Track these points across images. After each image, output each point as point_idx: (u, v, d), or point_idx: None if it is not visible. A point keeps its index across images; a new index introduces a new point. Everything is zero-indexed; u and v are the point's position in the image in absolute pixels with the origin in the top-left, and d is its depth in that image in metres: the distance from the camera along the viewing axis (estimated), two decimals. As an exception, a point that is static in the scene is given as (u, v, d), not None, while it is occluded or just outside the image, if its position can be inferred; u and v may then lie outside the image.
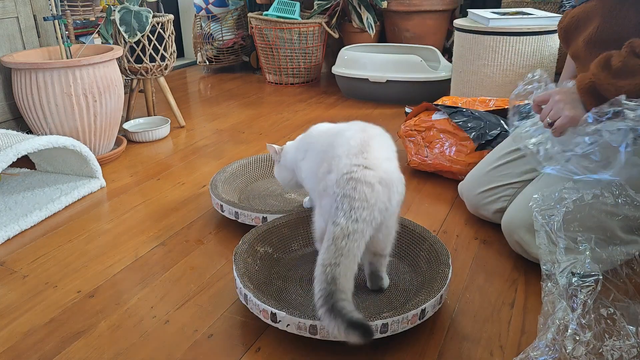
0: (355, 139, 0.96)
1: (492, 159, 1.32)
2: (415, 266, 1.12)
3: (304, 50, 2.85)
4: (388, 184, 0.91)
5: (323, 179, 0.96)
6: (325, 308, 0.79)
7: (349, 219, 0.85)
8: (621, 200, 0.96)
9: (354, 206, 0.86)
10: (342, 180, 0.89)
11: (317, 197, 1.00)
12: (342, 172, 0.90)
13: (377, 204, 0.88)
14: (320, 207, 0.97)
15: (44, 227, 1.39)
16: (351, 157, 0.92)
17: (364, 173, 0.90)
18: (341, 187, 0.89)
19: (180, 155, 1.90)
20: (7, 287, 1.13)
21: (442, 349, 0.93)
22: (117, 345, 0.95)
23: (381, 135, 1.02)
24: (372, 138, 0.98)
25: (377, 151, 0.95)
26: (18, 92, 1.67)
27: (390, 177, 0.92)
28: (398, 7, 2.84)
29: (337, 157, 0.94)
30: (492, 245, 1.26)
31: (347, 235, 0.84)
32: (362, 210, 0.86)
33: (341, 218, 0.85)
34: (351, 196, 0.87)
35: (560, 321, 0.81)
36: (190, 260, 1.23)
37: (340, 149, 0.96)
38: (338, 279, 0.81)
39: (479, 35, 2.00)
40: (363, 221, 0.86)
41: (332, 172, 0.93)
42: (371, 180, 0.89)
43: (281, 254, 1.18)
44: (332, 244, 0.84)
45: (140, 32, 1.99)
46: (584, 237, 0.91)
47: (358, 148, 0.94)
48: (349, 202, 0.87)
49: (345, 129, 1.03)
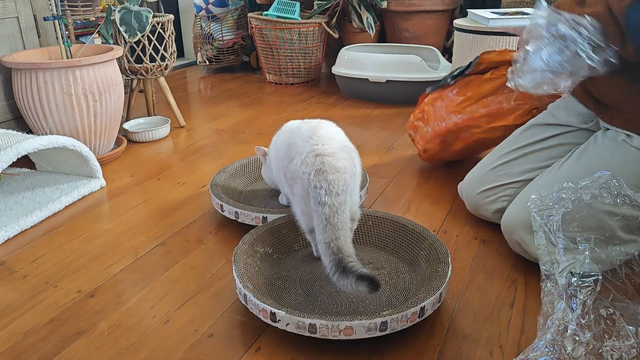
0: (305, 128, 1.05)
1: (492, 159, 1.32)
2: (415, 265, 1.12)
3: (304, 50, 2.85)
4: (348, 150, 1.01)
5: (287, 168, 1.03)
6: (338, 272, 0.88)
7: (331, 194, 0.93)
8: (620, 200, 0.96)
9: (329, 180, 0.93)
10: (309, 159, 0.97)
11: (288, 189, 1.06)
12: (304, 152, 0.98)
13: (347, 170, 0.97)
14: (295, 196, 1.02)
15: (44, 227, 1.39)
16: (305, 139, 1.01)
17: (324, 148, 0.98)
18: (309, 166, 0.96)
19: (181, 155, 1.91)
20: (7, 287, 1.13)
21: (442, 348, 0.93)
22: (117, 345, 0.95)
23: (324, 121, 1.11)
24: (317, 123, 1.07)
25: (325, 130, 1.05)
26: (18, 92, 1.68)
27: (347, 145, 1.03)
28: (398, 7, 2.84)
29: (293, 144, 1.03)
30: (492, 245, 1.26)
31: (336, 211, 0.92)
32: (338, 182, 0.94)
33: (325, 197, 0.92)
34: (322, 170, 0.94)
35: (559, 321, 0.81)
36: (190, 260, 1.23)
37: (293, 137, 1.05)
38: (342, 248, 0.90)
39: (479, 35, 2.01)
40: (343, 192, 0.94)
41: (294, 157, 1.00)
42: (333, 151, 0.98)
43: (281, 254, 1.18)
44: (327, 223, 0.91)
45: (141, 32, 1.99)
46: (583, 237, 0.91)
47: (309, 133, 1.03)
48: (324, 178, 0.94)
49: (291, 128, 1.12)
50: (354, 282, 0.86)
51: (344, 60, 2.57)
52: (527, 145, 1.27)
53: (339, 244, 0.90)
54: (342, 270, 0.87)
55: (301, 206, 1.01)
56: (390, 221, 1.21)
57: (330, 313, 0.99)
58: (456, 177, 1.63)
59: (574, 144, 1.22)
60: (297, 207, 1.05)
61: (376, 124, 2.20)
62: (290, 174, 1.01)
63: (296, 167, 0.98)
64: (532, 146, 1.26)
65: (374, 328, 0.88)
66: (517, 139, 1.30)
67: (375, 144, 1.96)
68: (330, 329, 0.88)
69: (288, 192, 1.10)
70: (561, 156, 1.21)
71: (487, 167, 1.31)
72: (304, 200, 0.99)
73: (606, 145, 1.12)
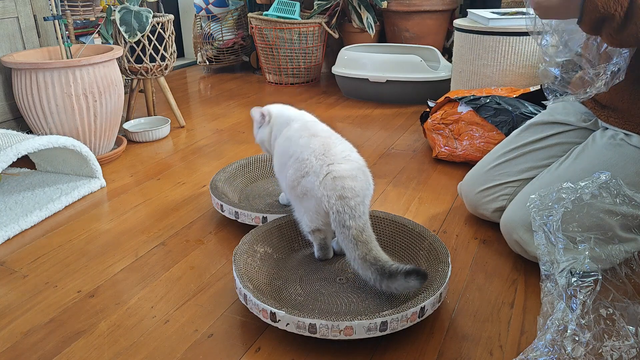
0: (314, 142, 1.05)
1: (492, 158, 1.32)
2: (415, 265, 1.12)
3: (304, 50, 2.85)
4: (364, 170, 1.04)
5: (299, 183, 1.03)
6: (386, 279, 0.92)
7: (355, 218, 0.97)
8: (619, 200, 0.96)
9: (351, 205, 0.98)
10: (327, 182, 0.99)
11: (296, 199, 1.08)
12: (322, 173, 0.99)
13: (364, 191, 1.01)
14: (303, 207, 1.05)
15: (44, 227, 1.39)
16: (320, 157, 1.01)
17: (342, 169, 1.00)
18: (329, 189, 0.98)
19: (180, 155, 1.91)
20: (7, 287, 1.13)
21: (442, 348, 0.93)
22: (117, 345, 0.95)
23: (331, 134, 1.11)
24: (327, 139, 1.07)
25: (339, 146, 1.05)
26: (18, 92, 1.68)
27: (363, 164, 1.05)
28: (398, 7, 2.84)
29: (306, 160, 1.03)
30: (492, 245, 1.26)
31: (362, 231, 0.97)
32: (359, 206, 0.98)
33: (349, 221, 0.97)
34: (344, 196, 0.98)
35: (559, 322, 0.81)
36: (190, 260, 1.23)
37: (305, 152, 1.04)
38: (378, 257, 0.95)
39: (479, 35, 2.00)
40: (364, 213, 0.99)
41: (309, 174, 1.01)
42: (351, 173, 1.00)
43: (281, 254, 1.18)
44: (357, 242, 0.96)
45: (141, 32, 1.99)
46: (582, 237, 0.91)
47: (321, 149, 1.03)
48: (347, 204, 0.97)
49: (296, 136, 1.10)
50: (404, 281, 0.90)
51: (344, 60, 2.57)
52: (526, 145, 1.27)
53: (373, 254, 0.95)
54: (389, 276, 0.92)
55: (309, 214, 1.04)
56: (390, 221, 1.21)
57: (330, 313, 0.99)
58: (456, 177, 1.63)
59: (573, 143, 1.22)
60: (303, 216, 1.06)
61: (376, 124, 2.20)
62: (303, 189, 1.03)
63: (312, 185, 1.00)
64: (531, 145, 1.26)
65: (374, 328, 0.89)
66: (516, 138, 1.30)
67: (375, 144, 1.96)
68: (330, 328, 0.88)
69: (292, 199, 1.11)
70: (560, 155, 1.21)
71: (487, 167, 1.31)
72: (317, 213, 1.02)
73: (605, 145, 1.12)
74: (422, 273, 0.90)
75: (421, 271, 0.90)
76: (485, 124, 1.64)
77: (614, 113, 1.13)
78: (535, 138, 1.26)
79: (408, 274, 0.90)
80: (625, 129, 1.11)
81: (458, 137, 1.69)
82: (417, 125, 2.16)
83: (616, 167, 1.08)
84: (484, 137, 1.64)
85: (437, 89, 2.39)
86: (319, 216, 1.02)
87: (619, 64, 0.92)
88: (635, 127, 1.10)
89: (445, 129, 1.73)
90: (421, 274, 0.90)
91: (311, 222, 1.05)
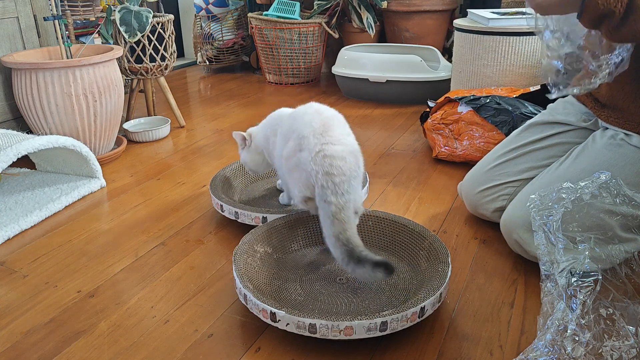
0: (316, 120, 1.10)
1: (492, 158, 1.32)
2: (415, 265, 1.12)
3: (304, 50, 2.85)
4: (355, 154, 1.08)
5: (294, 155, 1.10)
6: (353, 262, 0.94)
7: (337, 194, 1.01)
8: (619, 200, 0.96)
9: (336, 182, 1.02)
10: (318, 158, 1.04)
11: (288, 171, 1.13)
12: (315, 150, 1.05)
13: (352, 173, 1.04)
14: (293, 178, 1.12)
15: (44, 227, 1.39)
16: (317, 136, 1.07)
17: (335, 149, 1.05)
18: (319, 165, 1.04)
19: (180, 155, 1.91)
20: (7, 287, 1.13)
21: (442, 348, 0.93)
22: (117, 345, 0.95)
23: (336, 116, 1.16)
24: (329, 119, 1.12)
25: (338, 129, 1.10)
26: (18, 92, 1.68)
27: (356, 148, 1.09)
28: (398, 7, 2.84)
29: (305, 138, 1.08)
30: (492, 245, 1.26)
31: (341, 209, 1.00)
32: (343, 184, 1.02)
33: (331, 196, 1.01)
34: (330, 173, 1.02)
35: (559, 322, 0.81)
36: (190, 260, 1.23)
37: (305, 130, 1.09)
38: (351, 239, 0.97)
39: (479, 35, 2.00)
40: (347, 192, 1.02)
41: (304, 150, 1.07)
42: (342, 154, 1.05)
43: (281, 254, 1.18)
44: (334, 218, 0.99)
45: (141, 32, 1.99)
46: (583, 237, 0.91)
47: (321, 128, 1.08)
48: (331, 180, 1.02)
49: (301, 113, 1.16)
50: (371, 270, 0.92)
51: (344, 60, 2.57)
52: (526, 144, 1.27)
53: (347, 235, 0.98)
54: (357, 260, 0.94)
55: (300, 188, 1.10)
56: (390, 221, 1.21)
57: (330, 313, 0.99)
58: (456, 177, 1.63)
59: (573, 142, 1.22)
60: (292, 187, 1.13)
61: (376, 124, 2.20)
62: (296, 161, 1.09)
63: (305, 160, 1.06)
64: (531, 145, 1.26)
65: (374, 328, 0.89)
66: (516, 138, 1.30)
67: (375, 144, 1.96)
68: (331, 329, 0.88)
69: (285, 173, 1.17)
70: (560, 155, 1.21)
71: (487, 167, 1.31)
72: (306, 186, 1.08)
73: (605, 145, 1.12)
74: (390, 268, 0.92)
75: (390, 266, 0.92)
76: (485, 124, 1.64)
77: (614, 112, 1.13)
78: (535, 138, 1.26)
79: (377, 265, 0.92)
80: (625, 129, 1.11)
81: (458, 137, 1.69)
82: (417, 125, 2.16)
83: (616, 167, 1.08)
84: (484, 137, 1.64)
85: (437, 89, 2.39)
86: (307, 189, 1.08)
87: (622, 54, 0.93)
88: (635, 126, 1.10)
89: (445, 129, 1.73)
90: (389, 268, 0.92)
91: (300, 192, 1.11)
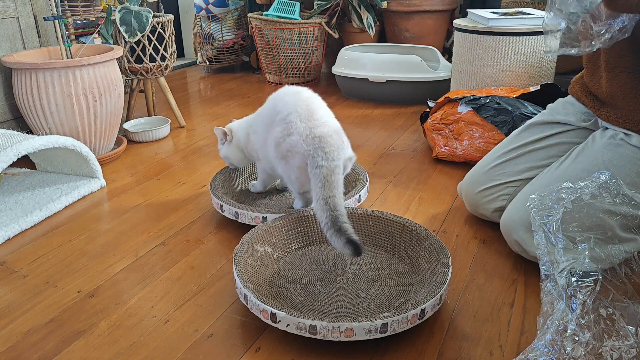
0: (300, 105, 1.19)
1: (492, 158, 1.32)
2: (415, 266, 1.12)
3: (304, 50, 2.85)
4: (338, 132, 1.19)
5: (283, 141, 1.18)
6: (333, 229, 1.02)
7: (328, 159, 1.11)
8: (619, 200, 0.96)
9: (326, 151, 1.12)
10: (309, 139, 1.14)
11: (281, 158, 1.21)
12: (305, 133, 1.15)
13: (337, 146, 1.15)
14: (289, 166, 1.19)
15: (44, 227, 1.39)
16: (304, 120, 1.16)
17: (321, 131, 1.15)
18: (309, 144, 1.13)
19: (181, 155, 1.91)
20: (7, 287, 1.13)
21: (442, 348, 0.93)
22: (117, 345, 0.95)
23: (314, 96, 1.25)
24: (310, 101, 1.21)
25: (321, 110, 1.21)
26: (18, 92, 1.68)
27: (338, 127, 1.21)
28: (398, 7, 2.84)
29: (292, 122, 1.17)
30: (492, 245, 1.26)
31: (332, 171, 1.10)
32: (333, 152, 1.13)
33: (322, 161, 1.11)
34: (322, 147, 1.13)
35: (559, 321, 0.81)
36: (190, 260, 1.23)
37: (291, 115, 1.18)
38: (337, 206, 1.05)
39: (479, 35, 2.00)
40: (337, 159, 1.13)
41: (292, 134, 1.16)
42: (328, 132, 1.16)
43: (281, 253, 1.18)
44: (325, 181, 1.09)
45: (141, 32, 1.99)
46: (582, 237, 0.91)
47: (306, 112, 1.18)
48: (322, 150, 1.12)
49: (280, 96, 1.26)
50: (344, 244, 1.00)
51: (344, 60, 2.57)
52: (526, 144, 1.27)
53: (335, 201, 1.06)
54: (338, 229, 1.02)
55: (296, 173, 1.19)
56: (390, 221, 1.21)
57: (330, 313, 0.99)
58: (456, 177, 1.63)
59: (573, 142, 1.22)
60: (291, 174, 1.21)
61: (376, 124, 2.20)
62: (288, 147, 1.17)
63: (297, 143, 1.15)
64: (531, 145, 1.26)
65: (375, 330, 0.89)
66: (516, 138, 1.30)
67: (375, 144, 1.96)
68: (331, 330, 0.88)
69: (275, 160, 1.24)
70: (560, 155, 1.21)
71: (487, 166, 1.31)
72: (300, 170, 1.17)
73: (605, 145, 1.12)
74: (358, 251, 0.99)
75: (359, 250, 0.99)
76: (485, 124, 1.64)
77: (614, 111, 1.13)
78: (535, 138, 1.26)
79: (349, 242, 1.00)
80: (625, 128, 1.11)
81: (458, 137, 1.69)
82: (417, 125, 2.16)
83: (616, 167, 1.08)
84: (484, 137, 1.65)
85: (437, 89, 2.39)
86: (304, 172, 1.16)
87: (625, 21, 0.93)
88: (635, 125, 1.10)
89: (445, 129, 1.73)
90: (357, 252, 0.99)
91: (301, 187, 1.23)
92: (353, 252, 1.00)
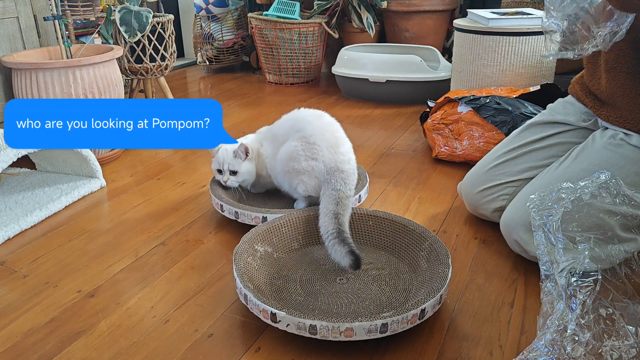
0: (324, 130, 1.28)
1: (491, 158, 1.32)
2: (415, 266, 1.12)
3: (304, 50, 2.85)
4: (356, 172, 1.29)
5: (302, 159, 1.26)
6: (337, 239, 1.09)
7: (345, 187, 1.22)
8: (619, 200, 0.96)
9: (346, 181, 1.23)
10: (335, 172, 1.23)
11: (290, 171, 1.28)
12: (330, 165, 1.24)
13: (354, 183, 1.27)
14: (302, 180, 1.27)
15: (44, 227, 1.39)
16: (331, 150, 1.25)
17: (347, 167, 1.25)
18: (331, 174, 1.23)
19: (180, 155, 1.91)
20: (7, 287, 1.13)
21: (442, 348, 0.93)
22: (117, 345, 0.95)
23: (335, 123, 1.33)
24: (335, 130, 1.31)
25: (346, 145, 1.30)
26: (18, 92, 1.68)
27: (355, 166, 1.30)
28: (398, 7, 2.84)
29: (316, 146, 1.25)
30: (492, 245, 1.26)
31: (347, 197, 1.20)
32: (351, 184, 1.24)
33: (341, 186, 1.21)
34: (343, 179, 1.23)
35: (559, 321, 0.81)
36: (190, 260, 1.23)
37: (315, 136, 1.26)
38: (344, 223, 1.14)
39: (479, 35, 2.00)
40: (351, 190, 1.24)
41: (317, 160, 1.25)
42: (350, 170, 1.26)
43: (281, 253, 1.18)
44: (339, 201, 1.18)
45: (141, 32, 1.99)
46: (582, 237, 0.91)
47: (333, 141, 1.27)
48: (344, 181, 1.23)
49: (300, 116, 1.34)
50: (345, 254, 1.06)
51: (344, 60, 2.57)
52: (526, 144, 1.27)
53: (343, 219, 1.14)
54: (341, 240, 1.08)
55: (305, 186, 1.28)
56: (390, 221, 1.21)
57: (330, 313, 0.99)
58: (456, 177, 1.63)
59: (573, 142, 1.22)
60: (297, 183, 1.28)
61: (376, 124, 2.20)
62: (307, 167, 1.25)
63: (320, 171, 1.24)
64: (531, 145, 1.26)
65: (375, 330, 0.89)
66: (516, 138, 1.30)
67: (375, 144, 1.96)
68: (331, 330, 0.88)
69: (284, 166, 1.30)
70: (560, 155, 1.21)
71: (487, 166, 1.31)
72: (314, 188, 1.27)
73: (604, 145, 1.12)
74: (358, 264, 1.05)
75: (359, 263, 1.05)
76: (485, 124, 1.64)
77: (614, 111, 1.13)
78: (535, 138, 1.26)
79: (351, 253, 1.05)
80: (625, 128, 1.11)
81: (458, 137, 1.69)
82: (417, 125, 2.16)
83: (616, 167, 1.08)
84: (484, 137, 1.65)
85: (437, 89, 2.39)
86: (314, 190, 1.27)
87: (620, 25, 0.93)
88: (634, 124, 1.10)
89: (445, 129, 1.73)
90: (356, 264, 1.05)
91: (305, 192, 1.29)
92: (352, 263, 1.04)
